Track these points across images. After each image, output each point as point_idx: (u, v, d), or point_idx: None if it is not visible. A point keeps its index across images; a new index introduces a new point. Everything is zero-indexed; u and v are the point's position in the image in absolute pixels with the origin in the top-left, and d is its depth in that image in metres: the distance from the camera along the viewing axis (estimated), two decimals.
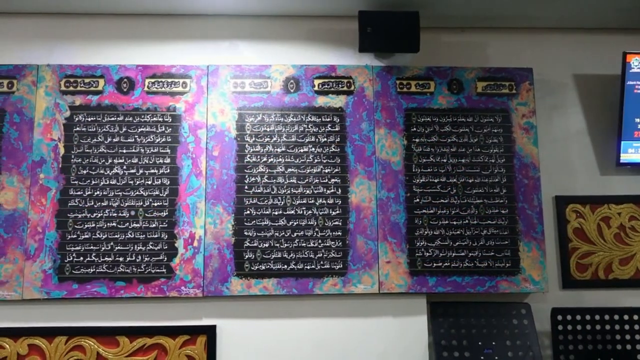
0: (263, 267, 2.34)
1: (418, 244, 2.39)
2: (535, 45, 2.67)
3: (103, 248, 2.32)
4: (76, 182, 2.35)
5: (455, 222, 2.40)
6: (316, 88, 2.48)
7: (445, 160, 2.46)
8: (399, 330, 2.36)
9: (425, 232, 2.40)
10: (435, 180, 2.45)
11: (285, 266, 2.34)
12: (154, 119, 2.42)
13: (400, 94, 2.50)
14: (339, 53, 2.55)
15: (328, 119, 2.46)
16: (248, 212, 2.37)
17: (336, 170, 2.42)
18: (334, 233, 2.38)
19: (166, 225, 2.34)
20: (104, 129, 2.40)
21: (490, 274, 2.37)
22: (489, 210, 2.42)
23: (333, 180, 2.41)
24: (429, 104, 2.50)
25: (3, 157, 2.35)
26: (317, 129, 2.45)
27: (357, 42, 2.46)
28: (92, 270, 2.30)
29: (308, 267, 2.34)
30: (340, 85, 2.48)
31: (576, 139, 2.63)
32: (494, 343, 2.28)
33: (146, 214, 2.35)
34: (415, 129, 2.48)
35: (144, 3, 2.44)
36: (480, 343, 2.28)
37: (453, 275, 2.36)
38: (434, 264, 2.38)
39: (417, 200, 2.42)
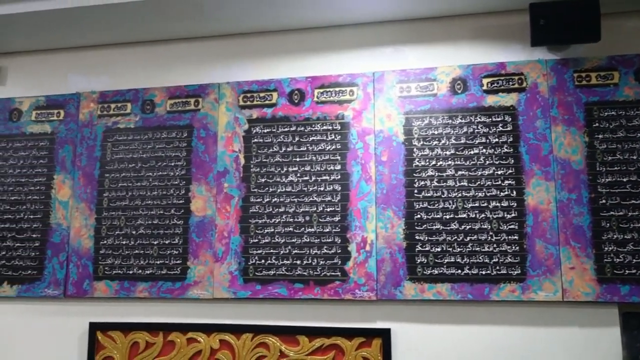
0: (436, 272, 2.41)
1: (606, 248, 2.30)
2: None
3: (282, 251, 2.55)
4: (256, 190, 2.62)
5: None
6: (485, 87, 2.50)
7: (635, 157, 2.34)
8: (586, 342, 2.28)
9: (615, 236, 2.31)
10: (624, 180, 2.34)
11: (459, 271, 2.39)
12: (324, 127, 2.61)
13: (579, 87, 2.43)
14: (508, 49, 2.54)
15: (499, 119, 2.47)
16: (419, 216, 2.46)
17: (510, 171, 2.42)
18: (510, 237, 2.38)
19: (339, 230, 2.52)
20: (279, 139, 2.65)
21: None
22: None
23: (507, 182, 2.42)
24: (613, 97, 2.40)
25: (193, 169, 2.70)
26: (487, 129, 2.47)
27: (527, 36, 2.44)
28: (272, 272, 2.54)
29: (483, 272, 2.37)
30: (510, 83, 2.48)
31: None
32: None
33: (320, 219, 2.55)
34: (597, 124, 2.39)
35: (310, 17, 2.65)
36: None
37: None
38: (627, 271, 2.27)
39: (603, 201, 2.34)
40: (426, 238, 2.44)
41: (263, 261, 2.56)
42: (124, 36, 2.85)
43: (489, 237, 2.39)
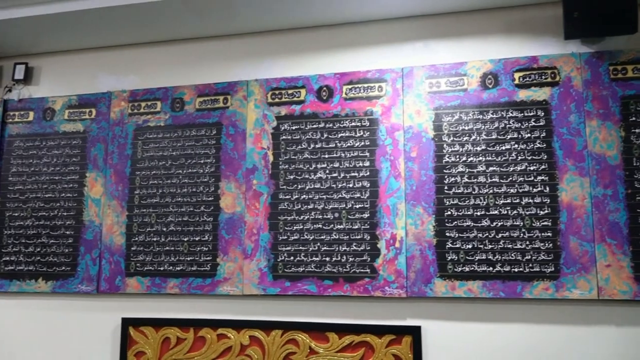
0: (467, 269, 2.39)
1: None
2: None
3: (311, 248, 2.57)
4: (284, 186, 2.64)
5: None
6: (516, 82, 2.47)
7: None
8: (623, 341, 2.25)
9: None
10: None
11: (491, 268, 2.37)
12: (353, 124, 2.62)
13: (615, 80, 2.39)
14: (540, 43, 2.51)
15: (531, 113, 2.44)
16: (449, 212, 2.45)
17: (543, 167, 2.39)
18: (543, 234, 2.35)
19: (368, 227, 2.52)
20: (307, 136, 2.66)
21: None
22: None
23: (539, 177, 2.39)
24: None
25: (222, 166, 2.73)
26: (519, 124, 2.44)
27: (560, 29, 2.41)
28: (302, 269, 2.56)
29: (516, 270, 2.35)
30: (543, 77, 2.45)
31: None
32: None
33: (349, 216, 2.55)
34: (634, 118, 2.35)
35: (338, 13, 2.65)
36: None
37: None
38: None
39: None
40: (457, 235, 2.42)
41: (292, 258, 2.57)
42: (153, 35, 2.89)
43: (522, 234, 2.36)
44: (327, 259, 2.53)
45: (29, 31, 2.86)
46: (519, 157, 2.42)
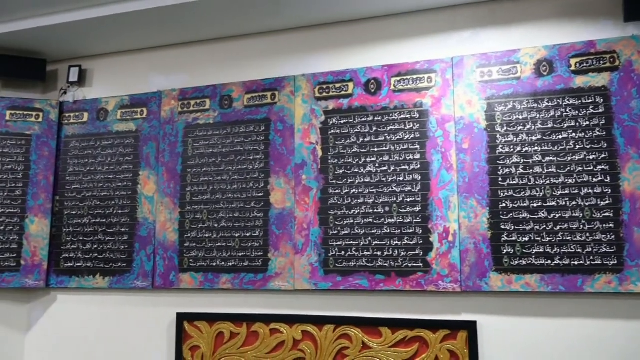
0: (524, 262, 2.35)
1: None
2: None
3: (362, 243, 2.57)
4: (334, 181, 2.66)
5: None
6: (573, 68, 2.41)
7: None
8: None
9: None
10: None
11: (549, 261, 2.32)
12: (402, 116, 2.60)
13: None
14: (597, 27, 2.43)
15: (589, 100, 2.37)
16: (504, 204, 2.41)
17: (603, 155, 2.32)
18: (604, 225, 2.28)
19: (420, 220, 2.51)
20: (356, 130, 2.66)
21: None
22: None
23: (599, 167, 2.32)
24: None
25: (271, 162, 2.77)
26: (576, 112, 2.38)
27: (619, 11, 2.33)
28: (353, 263, 2.57)
29: (576, 263, 2.29)
30: (601, 62, 2.37)
31: None
32: None
33: (400, 210, 2.54)
34: None
35: (385, 5, 2.64)
36: None
37: None
38: None
39: None
40: (512, 227, 2.38)
41: (343, 252, 2.59)
42: (201, 34, 2.96)
43: (581, 226, 2.30)
44: (379, 253, 2.53)
45: (82, 34, 2.97)
46: (577, 146, 2.35)
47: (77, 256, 3.00)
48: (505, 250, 2.38)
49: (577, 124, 2.37)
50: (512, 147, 2.43)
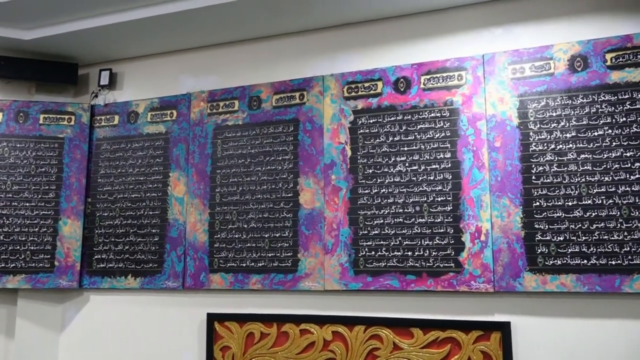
0: (559, 262, 2.33)
1: None
2: None
3: (392, 243, 2.58)
4: (363, 181, 2.67)
5: None
6: (609, 63, 2.38)
7: None
8: None
9: None
10: None
11: (585, 261, 2.29)
12: (432, 114, 2.61)
13: None
14: (634, 20, 2.40)
15: (626, 96, 2.34)
16: (537, 203, 2.39)
17: None
18: None
19: (451, 220, 2.50)
20: (385, 129, 2.67)
21: None
22: None
23: (637, 164, 2.28)
24: None
25: (300, 162, 2.79)
26: (612, 108, 2.35)
27: None
28: (383, 264, 2.58)
29: (613, 263, 2.26)
30: (638, 57, 2.34)
31: None
32: None
33: (431, 209, 2.55)
34: None
35: (413, 2, 2.64)
36: None
37: None
38: None
39: None
40: (547, 227, 2.36)
41: (373, 253, 2.60)
42: (230, 35, 3.01)
43: (619, 225, 2.27)
44: (409, 253, 2.54)
45: (112, 39, 3.04)
46: (614, 143, 2.32)
47: (109, 257, 3.07)
48: (539, 250, 2.36)
49: (614, 120, 2.34)
50: (545, 144, 2.41)
